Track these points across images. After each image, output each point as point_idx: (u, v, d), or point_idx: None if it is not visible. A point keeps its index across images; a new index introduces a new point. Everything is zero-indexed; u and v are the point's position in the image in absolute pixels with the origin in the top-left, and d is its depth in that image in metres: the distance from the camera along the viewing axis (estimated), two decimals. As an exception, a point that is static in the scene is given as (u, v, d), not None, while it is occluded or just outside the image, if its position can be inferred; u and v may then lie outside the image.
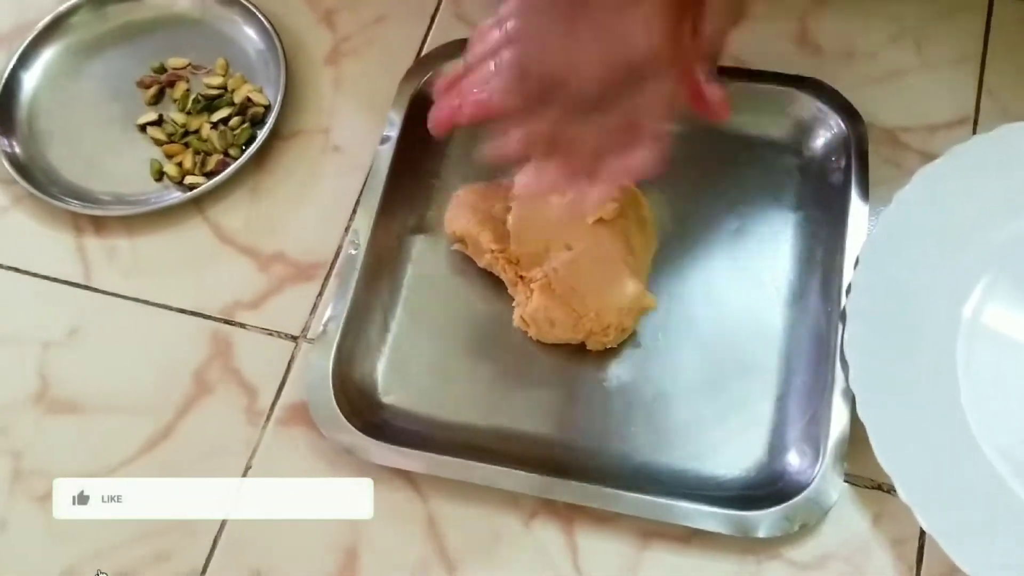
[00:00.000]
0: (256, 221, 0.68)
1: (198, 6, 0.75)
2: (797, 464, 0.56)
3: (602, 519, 0.56)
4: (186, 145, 0.70)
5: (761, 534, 0.54)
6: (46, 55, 0.74)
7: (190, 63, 0.73)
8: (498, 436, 0.59)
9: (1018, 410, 0.56)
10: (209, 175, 0.68)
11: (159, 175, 0.69)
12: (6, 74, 0.72)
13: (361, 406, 0.60)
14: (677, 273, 0.63)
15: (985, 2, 0.71)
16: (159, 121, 0.71)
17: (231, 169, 0.67)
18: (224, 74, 0.72)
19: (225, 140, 0.69)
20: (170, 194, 0.68)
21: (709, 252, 0.64)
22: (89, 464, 0.60)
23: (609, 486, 0.56)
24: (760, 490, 0.56)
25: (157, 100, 0.72)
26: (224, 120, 0.70)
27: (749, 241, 0.64)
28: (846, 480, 0.56)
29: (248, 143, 0.69)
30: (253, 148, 0.68)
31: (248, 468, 0.60)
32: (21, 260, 0.67)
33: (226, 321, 0.64)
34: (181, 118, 0.71)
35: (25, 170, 0.69)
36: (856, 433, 0.55)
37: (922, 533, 0.55)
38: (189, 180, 0.68)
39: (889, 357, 0.57)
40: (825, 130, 0.65)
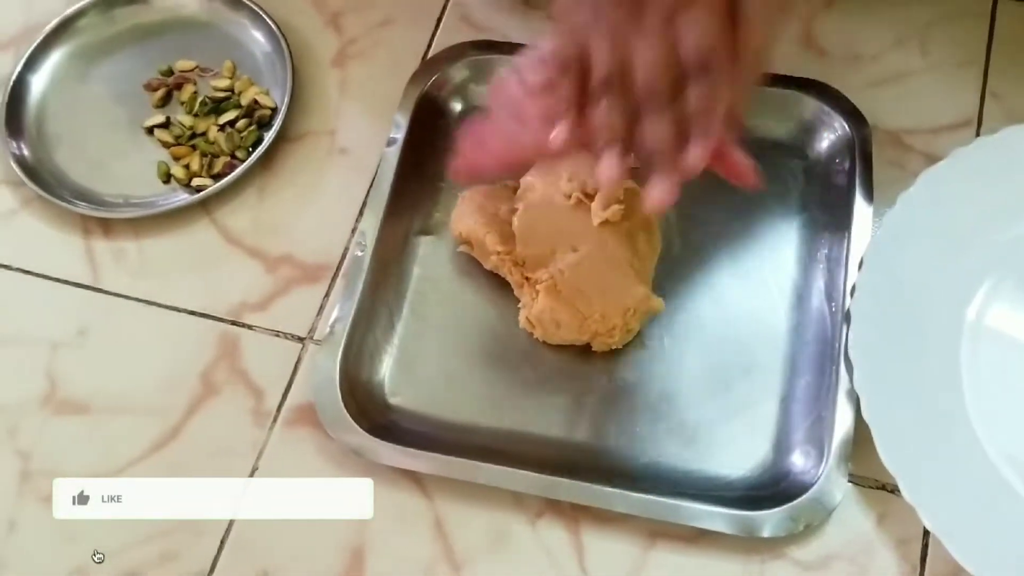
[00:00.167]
0: (263, 223, 0.68)
1: (205, 9, 0.75)
2: (802, 464, 0.57)
3: (607, 519, 0.57)
4: (193, 147, 0.70)
5: (766, 534, 0.54)
6: (54, 58, 0.74)
7: (197, 66, 0.74)
8: (504, 437, 0.60)
9: (1022, 411, 0.57)
10: (216, 177, 0.69)
11: (166, 177, 0.69)
12: (14, 77, 0.72)
13: (368, 407, 0.60)
14: (682, 275, 0.63)
15: (989, 5, 0.71)
16: (166, 123, 0.71)
17: (238, 171, 0.68)
18: (231, 77, 0.73)
19: (232, 142, 0.70)
20: (177, 196, 0.69)
21: (714, 254, 0.64)
22: (96, 465, 0.60)
23: (614, 486, 0.56)
24: (765, 490, 0.56)
25: (164, 103, 0.72)
26: (231, 122, 0.71)
27: (753, 243, 0.64)
28: (850, 480, 0.56)
29: (255, 145, 0.70)
30: (260, 150, 0.68)
31: (255, 469, 0.60)
32: (30, 262, 0.67)
33: (233, 322, 0.64)
34: (188, 120, 0.71)
35: (34, 172, 0.69)
36: (860, 434, 0.55)
37: (926, 533, 0.55)
38: (196, 182, 0.69)
39: (893, 358, 0.57)
40: (829, 132, 0.66)
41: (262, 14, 0.73)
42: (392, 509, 0.58)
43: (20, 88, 0.72)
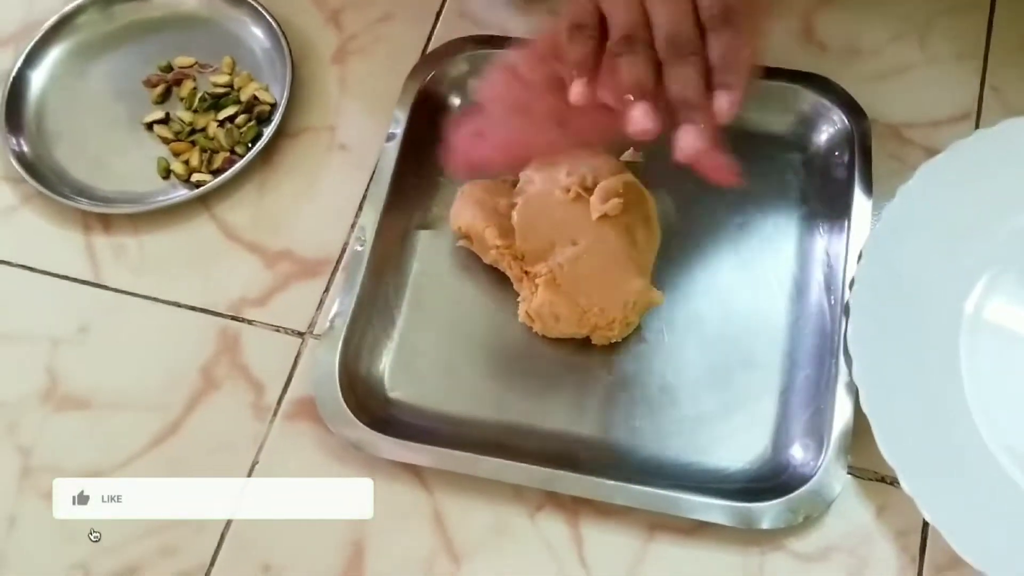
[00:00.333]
0: (263, 218, 0.68)
1: (205, 5, 0.75)
2: (801, 457, 0.57)
3: (607, 512, 0.57)
4: (193, 143, 0.70)
5: (765, 526, 0.54)
6: (53, 54, 0.74)
7: (197, 62, 0.74)
8: (503, 430, 0.60)
9: (1021, 403, 0.57)
10: (216, 173, 0.69)
11: (166, 173, 0.69)
12: (13, 74, 0.72)
13: (367, 401, 0.60)
14: (681, 268, 0.63)
15: (987, -1, 0.71)
16: (166, 119, 0.71)
17: (237, 167, 0.68)
18: (231, 72, 0.73)
19: (232, 138, 0.70)
20: (177, 192, 0.69)
21: (713, 247, 0.64)
22: (97, 460, 0.61)
23: (614, 479, 0.56)
24: (764, 483, 0.56)
25: (164, 99, 0.72)
26: (231, 118, 0.71)
27: (753, 236, 0.64)
28: (849, 472, 0.56)
29: (254, 141, 0.70)
30: (259, 146, 0.68)
31: (255, 464, 0.60)
32: (30, 258, 0.67)
33: (233, 317, 0.64)
34: (188, 116, 0.71)
35: (33, 169, 0.69)
36: (859, 426, 0.55)
37: (925, 525, 0.55)
38: (196, 178, 0.69)
39: (893, 351, 0.57)
40: (829, 125, 0.66)
41: (262, 10, 0.73)
42: (392, 503, 0.58)
43: (20, 84, 0.72)
